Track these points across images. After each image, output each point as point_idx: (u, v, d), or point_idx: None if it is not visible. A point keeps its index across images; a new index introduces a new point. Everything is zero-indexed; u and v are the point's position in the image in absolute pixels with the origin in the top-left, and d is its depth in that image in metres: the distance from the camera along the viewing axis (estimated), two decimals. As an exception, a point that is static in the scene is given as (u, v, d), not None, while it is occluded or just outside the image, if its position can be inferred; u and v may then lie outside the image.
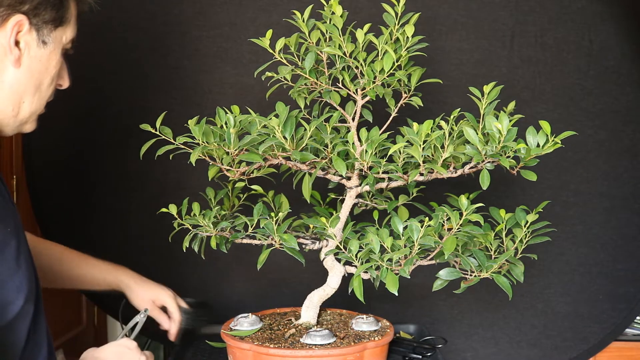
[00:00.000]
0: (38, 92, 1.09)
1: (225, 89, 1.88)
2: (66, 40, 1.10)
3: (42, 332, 1.10)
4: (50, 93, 1.12)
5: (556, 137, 1.17)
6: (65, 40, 1.10)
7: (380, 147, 1.28)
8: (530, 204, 1.32)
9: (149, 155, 1.28)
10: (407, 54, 1.29)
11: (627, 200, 1.89)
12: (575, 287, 1.91)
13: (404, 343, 1.53)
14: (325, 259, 1.39)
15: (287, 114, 1.21)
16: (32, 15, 1.03)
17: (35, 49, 1.06)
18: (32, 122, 1.13)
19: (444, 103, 1.80)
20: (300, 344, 1.29)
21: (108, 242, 1.90)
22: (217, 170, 1.33)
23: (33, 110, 1.10)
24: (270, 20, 1.84)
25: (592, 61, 1.87)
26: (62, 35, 1.09)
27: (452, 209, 1.23)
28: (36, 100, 1.09)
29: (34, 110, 1.10)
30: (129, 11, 1.87)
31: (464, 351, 1.93)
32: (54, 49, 1.08)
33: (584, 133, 1.86)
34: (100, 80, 1.86)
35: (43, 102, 1.11)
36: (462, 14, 1.87)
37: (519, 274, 1.28)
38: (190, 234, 1.39)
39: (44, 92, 1.10)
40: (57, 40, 1.09)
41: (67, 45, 1.12)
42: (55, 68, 1.10)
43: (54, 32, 1.07)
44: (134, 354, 1.16)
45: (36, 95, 1.09)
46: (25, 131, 1.14)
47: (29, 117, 1.10)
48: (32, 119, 1.12)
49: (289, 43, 1.32)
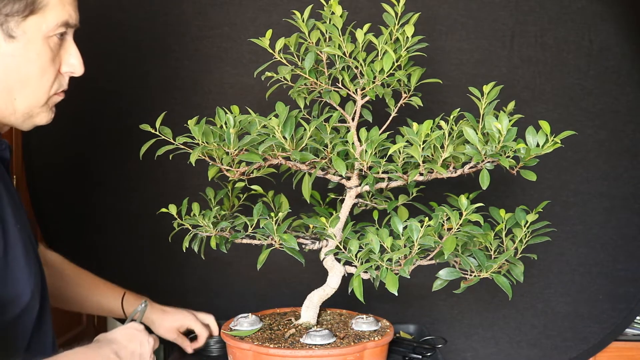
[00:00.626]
0: (28, 86, 1.03)
1: (225, 89, 1.88)
2: (48, 27, 1.02)
3: (47, 330, 1.11)
4: (51, 83, 1.06)
5: (556, 137, 1.17)
6: (46, 28, 1.02)
7: (380, 147, 1.27)
8: (530, 204, 1.32)
9: (149, 155, 1.28)
10: (407, 54, 1.29)
11: (627, 200, 1.89)
12: (575, 287, 1.91)
13: (404, 343, 1.52)
14: (325, 259, 1.39)
15: (287, 114, 1.21)
16: None
17: (3, 45, 1.00)
18: (43, 113, 1.08)
19: (443, 103, 1.80)
20: (300, 344, 1.29)
21: (108, 242, 1.90)
22: (216, 170, 1.33)
23: (31, 103, 1.05)
24: (270, 20, 1.84)
25: (592, 61, 1.87)
26: (40, 24, 1.01)
27: (452, 209, 1.22)
28: (30, 94, 1.04)
29: (32, 103, 1.05)
30: (129, 11, 1.87)
31: (464, 351, 1.93)
32: (30, 41, 1.01)
33: (584, 133, 1.86)
34: (101, 80, 1.86)
35: (41, 95, 1.05)
36: (462, 14, 1.87)
37: (518, 274, 1.28)
38: (190, 234, 1.39)
39: (35, 85, 1.04)
40: (33, 31, 1.01)
41: (53, 32, 1.03)
42: (41, 59, 1.03)
43: (24, 22, 1.00)
44: (143, 335, 1.16)
45: (28, 89, 1.03)
46: (41, 123, 1.09)
47: (30, 110, 1.06)
48: (42, 111, 1.07)
49: (289, 43, 1.32)
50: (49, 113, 1.09)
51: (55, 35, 1.04)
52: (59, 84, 1.08)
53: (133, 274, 1.87)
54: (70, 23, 1.06)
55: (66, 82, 1.10)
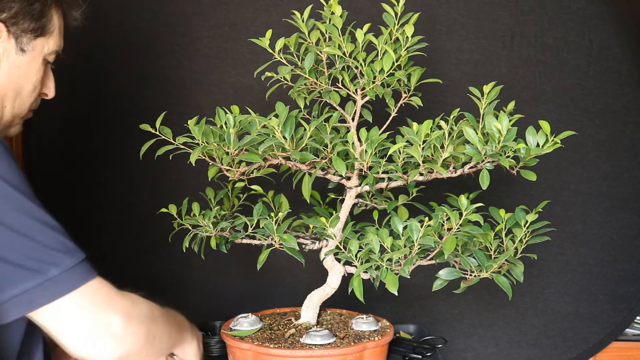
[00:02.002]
0: (19, 97, 1.14)
1: (225, 89, 1.88)
2: (48, 50, 1.15)
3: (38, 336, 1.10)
4: (33, 100, 1.18)
5: (556, 137, 1.17)
6: (47, 51, 1.15)
7: (380, 147, 1.28)
8: (530, 204, 1.32)
9: (149, 155, 1.28)
10: (407, 54, 1.29)
11: (627, 200, 1.89)
12: (575, 287, 1.91)
13: (404, 343, 1.53)
14: (325, 259, 1.39)
15: (287, 114, 1.21)
16: (10, 23, 1.09)
17: (14, 56, 1.11)
18: (16, 125, 1.19)
19: (443, 103, 1.80)
20: (300, 344, 1.29)
21: (108, 242, 1.90)
22: (216, 171, 1.33)
23: (15, 114, 1.15)
24: (270, 20, 1.84)
25: (592, 61, 1.87)
26: (43, 45, 1.14)
27: (452, 209, 1.23)
28: (17, 105, 1.15)
29: (16, 114, 1.15)
30: (129, 11, 1.87)
31: (464, 351, 1.93)
32: (34, 58, 1.13)
33: (584, 133, 1.86)
34: (100, 80, 1.86)
35: (25, 108, 1.17)
36: (462, 14, 1.87)
37: (518, 274, 1.28)
38: (190, 234, 1.39)
39: (25, 98, 1.15)
40: (38, 50, 1.14)
41: (49, 56, 1.16)
42: (36, 76, 1.15)
43: (34, 41, 1.12)
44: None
45: (17, 101, 1.14)
46: (10, 134, 1.20)
47: (11, 120, 1.16)
48: (16, 123, 1.18)
49: (289, 43, 1.32)
50: (20, 126, 1.21)
51: (48, 59, 1.17)
52: (36, 102, 1.20)
53: (133, 274, 1.86)
54: (59, 52, 1.20)
55: (38, 102, 1.22)
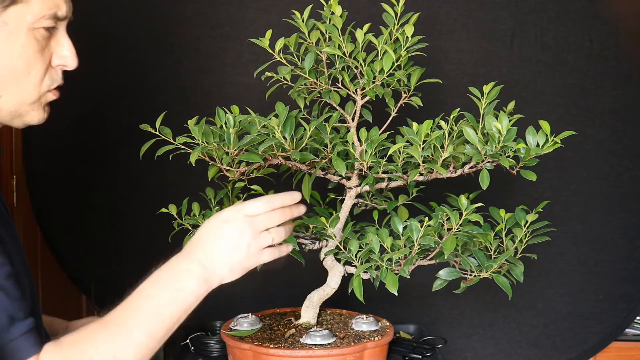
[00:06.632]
0: (14, 81, 0.96)
1: (225, 89, 1.88)
2: (34, 18, 0.94)
3: None
4: (40, 79, 0.98)
5: (556, 137, 1.18)
6: (32, 19, 0.94)
7: (380, 147, 1.28)
8: (530, 204, 1.32)
9: (149, 155, 1.28)
10: (407, 54, 1.29)
11: (627, 200, 1.89)
12: (575, 287, 1.91)
13: (404, 343, 1.53)
14: (325, 259, 1.39)
15: (287, 114, 1.21)
16: None
17: None
18: (34, 112, 1.00)
19: (443, 103, 1.80)
20: (300, 344, 1.29)
21: (108, 242, 1.90)
22: (216, 171, 1.33)
23: (19, 101, 0.97)
24: (270, 20, 1.84)
25: (592, 61, 1.87)
26: (24, 14, 0.93)
27: (452, 209, 1.23)
28: (17, 91, 0.96)
29: (20, 101, 0.98)
30: (129, 11, 1.87)
31: (464, 351, 1.93)
32: (13, 32, 0.93)
33: (584, 133, 1.86)
34: (100, 80, 1.86)
35: (31, 90, 0.98)
36: (462, 14, 1.87)
37: (518, 274, 1.28)
38: (190, 234, 1.39)
39: (22, 79, 0.96)
40: (15, 21, 0.93)
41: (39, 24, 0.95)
42: (26, 52, 0.95)
43: (4, 13, 0.92)
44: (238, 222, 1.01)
45: (14, 86, 0.96)
46: (33, 123, 1.01)
47: (18, 109, 0.98)
48: (32, 109, 0.99)
49: (289, 43, 1.32)
50: (41, 112, 1.01)
51: (41, 27, 0.96)
52: (50, 79, 1.00)
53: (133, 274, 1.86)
54: (60, 15, 0.98)
55: (59, 76, 1.02)
